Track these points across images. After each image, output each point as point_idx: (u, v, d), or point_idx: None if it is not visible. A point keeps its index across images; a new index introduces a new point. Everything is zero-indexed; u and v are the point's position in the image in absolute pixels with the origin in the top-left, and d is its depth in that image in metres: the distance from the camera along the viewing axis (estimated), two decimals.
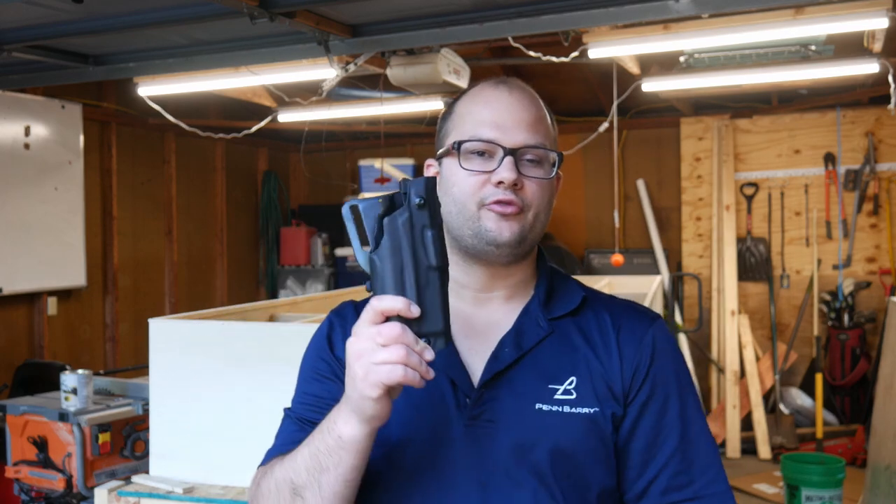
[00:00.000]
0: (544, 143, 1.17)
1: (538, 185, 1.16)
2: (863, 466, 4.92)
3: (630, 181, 6.80)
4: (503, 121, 1.16)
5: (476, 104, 1.19)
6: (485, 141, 1.15)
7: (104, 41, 3.69)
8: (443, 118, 1.25)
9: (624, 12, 3.15)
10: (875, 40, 4.09)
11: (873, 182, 6.08)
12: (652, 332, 1.18)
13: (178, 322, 2.52)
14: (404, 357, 0.94)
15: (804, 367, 6.26)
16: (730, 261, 6.24)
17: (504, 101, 1.17)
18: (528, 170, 1.15)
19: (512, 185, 1.13)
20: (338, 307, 1.29)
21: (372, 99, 5.26)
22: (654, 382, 1.15)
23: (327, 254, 7.34)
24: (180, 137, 6.23)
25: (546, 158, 1.17)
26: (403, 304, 0.96)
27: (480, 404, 1.12)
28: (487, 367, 1.13)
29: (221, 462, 2.40)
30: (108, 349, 5.85)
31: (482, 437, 1.11)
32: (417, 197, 0.98)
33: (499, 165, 1.14)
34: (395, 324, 0.95)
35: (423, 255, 0.98)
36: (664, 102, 6.30)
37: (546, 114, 1.21)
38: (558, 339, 1.16)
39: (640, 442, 1.13)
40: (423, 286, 0.98)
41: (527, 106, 1.18)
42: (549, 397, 1.12)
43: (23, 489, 3.11)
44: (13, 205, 4.95)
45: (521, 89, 1.20)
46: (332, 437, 1.02)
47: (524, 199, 1.14)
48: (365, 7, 3.24)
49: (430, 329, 0.98)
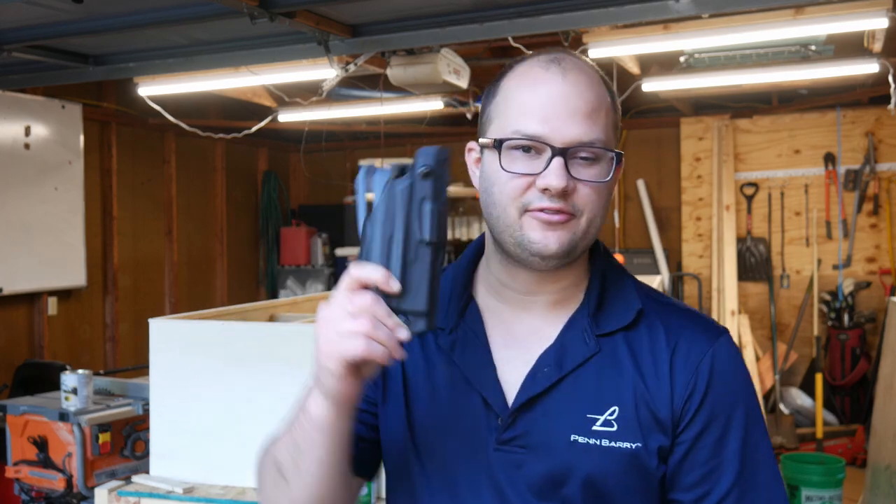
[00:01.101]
0: (602, 137, 0.99)
1: (593, 189, 0.99)
2: (863, 466, 4.92)
3: (630, 181, 6.80)
4: (553, 111, 0.98)
5: (522, 87, 1.01)
6: (530, 137, 0.98)
7: (104, 41, 3.69)
8: (486, 96, 1.07)
9: (624, 12, 3.16)
10: (875, 40, 4.09)
11: (873, 182, 6.08)
12: (711, 353, 1.02)
13: (178, 322, 2.52)
14: (369, 329, 0.86)
15: (804, 367, 6.26)
16: (730, 261, 6.24)
17: (555, 87, 0.99)
18: (581, 171, 0.99)
19: (561, 193, 0.98)
20: None
21: (372, 99, 5.26)
22: (712, 412, 1.01)
23: (327, 254, 7.34)
24: (180, 137, 6.23)
25: (604, 156, 1.00)
26: (382, 275, 0.88)
27: (513, 429, 1.02)
28: (523, 388, 1.02)
29: (221, 462, 2.40)
30: (108, 349, 5.85)
31: (511, 464, 1.01)
32: (423, 165, 0.91)
33: (546, 167, 0.97)
34: (368, 293, 0.87)
35: (417, 227, 0.90)
36: (664, 102, 6.30)
37: (608, 98, 1.02)
38: (604, 360, 1.02)
39: (691, 476, 1.01)
40: (410, 260, 0.89)
41: (582, 92, 0.99)
42: (586, 428, 1.00)
43: (23, 489, 3.11)
44: (13, 205, 4.95)
45: (577, 70, 1.01)
46: (304, 417, 0.96)
47: (575, 204, 0.99)
48: (365, 7, 3.24)
49: (411, 307, 0.90)
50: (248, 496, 2.32)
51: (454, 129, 6.95)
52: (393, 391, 1.10)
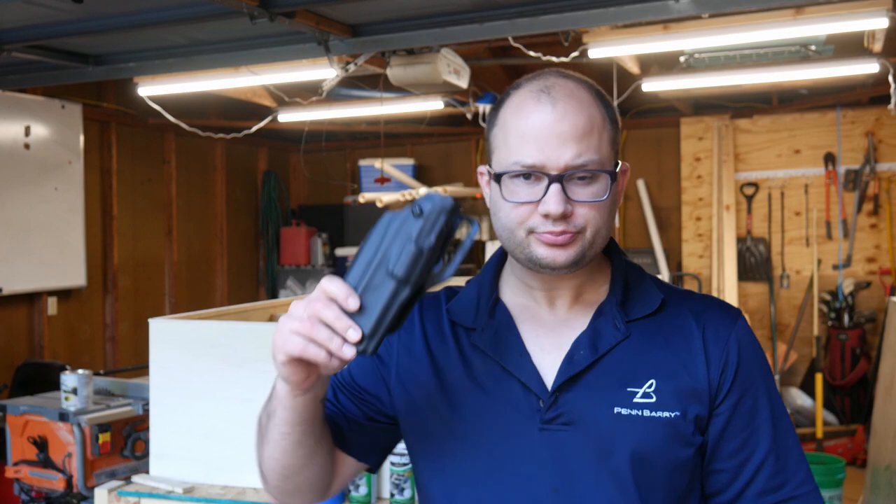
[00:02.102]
0: (595, 158, 1.05)
1: (591, 207, 1.06)
2: (863, 466, 4.92)
3: (630, 181, 6.80)
4: (545, 141, 1.05)
5: (517, 118, 1.08)
6: (527, 167, 1.05)
7: (104, 41, 3.69)
8: (488, 123, 1.15)
9: (624, 12, 3.16)
10: (875, 40, 4.09)
11: (873, 182, 6.08)
12: (737, 331, 1.13)
13: (178, 322, 2.52)
14: (309, 331, 0.93)
15: (804, 367, 6.26)
16: (730, 261, 6.24)
17: (546, 117, 1.06)
18: (579, 191, 1.05)
19: (561, 217, 1.05)
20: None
21: (372, 99, 5.26)
22: (744, 383, 1.10)
23: (327, 254, 7.34)
24: (180, 137, 6.23)
25: (600, 176, 1.07)
26: (343, 292, 0.94)
27: (556, 408, 1.08)
28: (562, 369, 1.09)
29: (221, 462, 2.40)
30: (108, 349, 5.85)
31: (557, 441, 1.07)
32: (419, 206, 0.95)
33: (545, 194, 1.04)
34: (321, 299, 0.95)
35: (392, 259, 0.95)
36: (664, 102, 6.30)
37: (599, 115, 1.09)
38: (635, 342, 1.10)
39: (732, 444, 1.10)
40: (373, 285, 0.95)
41: (572, 117, 1.06)
42: (627, 401, 1.07)
43: (23, 489, 3.11)
44: (13, 205, 4.95)
45: (567, 97, 1.07)
46: (273, 390, 1.06)
47: (577, 224, 1.05)
48: (365, 7, 3.25)
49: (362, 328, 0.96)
50: (248, 496, 2.32)
51: (454, 129, 6.95)
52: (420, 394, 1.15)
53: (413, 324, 1.19)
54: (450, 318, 1.18)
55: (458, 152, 7.35)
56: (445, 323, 1.18)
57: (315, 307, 0.95)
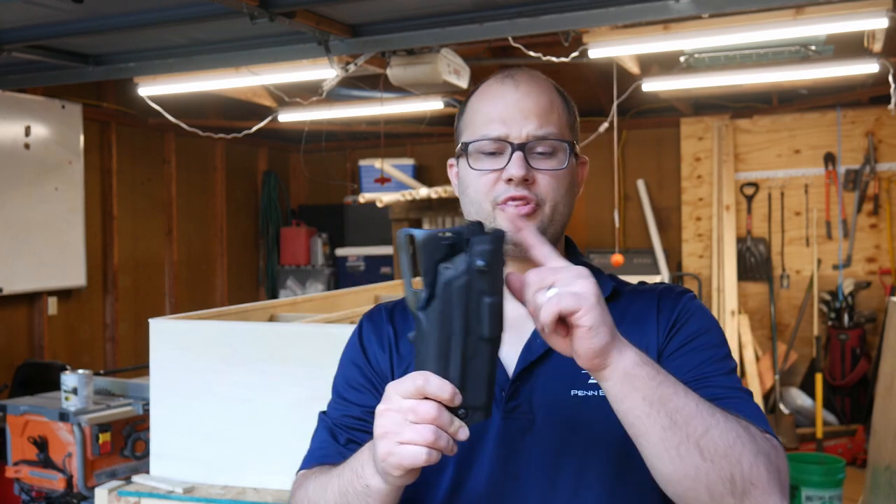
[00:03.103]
0: (555, 132, 1.15)
1: (552, 177, 1.14)
2: (863, 466, 4.92)
3: (630, 181, 6.80)
4: (510, 115, 1.14)
5: (483, 101, 1.18)
6: (492, 139, 1.14)
7: (104, 41, 3.69)
8: (457, 117, 1.24)
9: (624, 12, 3.16)
10: (875, 40, 4.09)
11: (873, 182, 6.08)
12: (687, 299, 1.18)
13: (178, 322, 2.52)
14: (432, 440, 0.88)
15: (804, 367, 6.26)
16: (730, 261, 6.24)
17: (511, 95, 1.15)
18: (540, 162, 1.13)
19: (522, 182, 1.11)
20: (370, 311, 1.28)
21: (372, 99, 5.26)
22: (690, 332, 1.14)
23: (327, 254, 7.34)
24: (180, 137, 6.23)
25: (559, 148, 1.15)
26: (449, 393, 0.89)
27: (516, 397, 1.11)
28: (521, 358, 1.13)
29: (221, 462, 2.41)
30: (108, 349, 5.85)
31: (519, 429, 1.10)
32: (481, 260, 0.89)
33: (508, 162, 1.12)
34: (432, 404, 0.89)
35: (476, 324, 0.90)
36: (664, 102, 6.30)
37: (559, 100, 1.18)
38: None
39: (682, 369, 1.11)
40: (469, 357, 0.90)
41: (535, 97, 1.15)
42: (583, 382, 1.11)
43: (23, 489, 3.11)
44: (13, 205, 4.95)
45: (528, 80, 1.17)
46: (360, 483, 0.99)
47: (538, 193, 1.13)
48: (365, 7, 3.25)
49: (471, 402, 0.91)
50: (248, 496, 2.32)
51: (454, 129, 6.94)
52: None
53: (382, 326, 1.22)
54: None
55: None
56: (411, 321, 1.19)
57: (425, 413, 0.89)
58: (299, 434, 2.27)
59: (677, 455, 0.93)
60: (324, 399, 1.26)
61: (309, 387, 2.25)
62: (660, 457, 0.94)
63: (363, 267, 7.12)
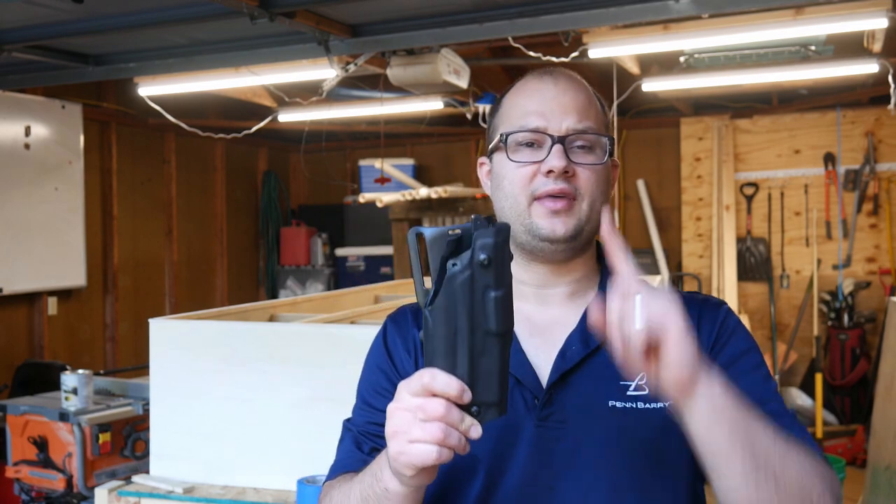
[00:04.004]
0: (593, 126, 1.13)
1: (591, 172, 1.12)
2: (863, 466, 4.91)
3: (630, 181, 6.80)
4: (549, 109, 1.12)
5: (521, 96, 1.16)
6: (531, 130, 1.12)
7: (104, 41, 3.69)
8: (490, 114, 1.22)
9: (624, 12, 3.16)
10: (875, 40, 4.09)
11: (873, 182, 6.08)
12: (726, 313, 1.16)
13: (178, 322, 2.52)
14: (441, 438, 0.86)
15: (804, 367, 6.26)
16: (730, 261, 6.24)
17: (550, 91, 1.14)
18: (579, 157, 1.12)
19: (563, 174, 1.09)
20: (394, 313, 1.24)
21: (372, 99, 5.26)
22: (736, 349, 1.13)
23: (327, 254, 7.34)
24: (180, 137, 6.24)
25: (598, 143, 1.13)
26: (457, 389, 0.87)
27: (550, 405, 1.08)
28: (555, 366, 1.10)
29: (221, 462, 2.40)
30: (108, 349, 5.85)
31: (553, 438, 1.08)
32: (483, 253, 0.87)
33: (548, 154, 1.10)
34: (440, 401, 0.87)
35: (482, 318, 0.88)
36: (664, 102, 6.30)
37: (595, 99, 1.18)
38: None
39: None
40: (477, 353, 0.88)
41: (574, 93, 1.14)
42: (621, 394, 1.08)
43: (23, 489, 3.11)
44: (13, 205, 4.95)
45: (567, 77, 1.16)
46: (379, 487, 0.98)
47: (577, 187, 1.11)
48: (365, 7, 3.25)
49: (482, 399, 0.89)
50: (248, 496, 2.32)
51: (454, 130, 6.95)
52: None
53: (408, 329, 1.19)
54: None
55: (458, 152, 7.35)
56: None
57: (434, 410, 0.87)
58: (299, 434, 2.27)
59: (755, 485, 0.92)
60: (324, 399, 1.25)
61: (309, 387, 2.25)
62: (737, 487, 0.93)
63: (363, 267, 7.13)
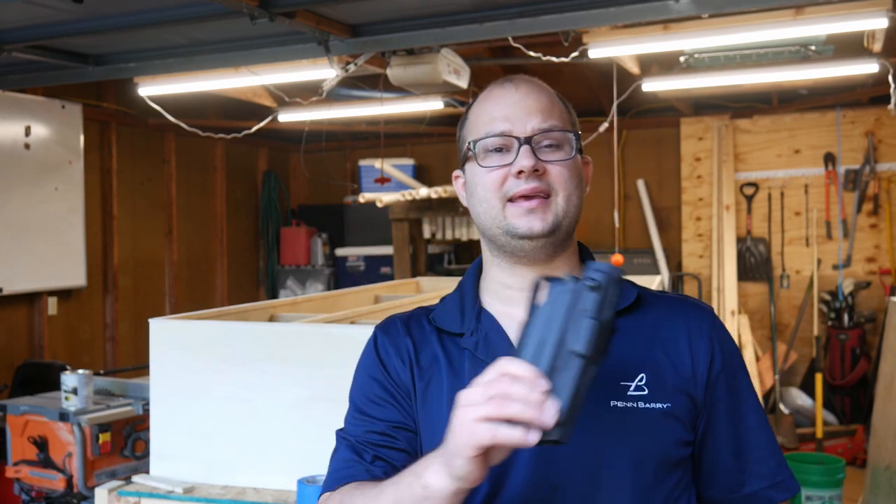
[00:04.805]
0: (558, 124, 1.15)
1: (562, 167, 1.13)
2: (863, 466, 4.92)
3: (630, 181, 6.80)
4: (513, 113, 1.14)
5: (485, 105, 1.18)
6: (498, 135, 1.13)
7: (104, 41, 3.69)
8: (459, 127, 1.24)
9: (624, 12, 3.16)
10: (875, 40, 4.09)
11: (873, 182, 6.08)
12: (714, 324, 1.18)
13: (178, 322, 2.52)
14: (506, 412, 0.83)
15: (804, 367, 6.26)
16: (730, 261, 6.24)
17: (512, 96, 1.16)
18: (548, 155, 1.13)
19: (533, 173, 1.11)
20: (383, 322, 1.24)
21: (372, 99, 5.26)
22: (729, 377, 1.15)
23: (327, 254, 7.34)
24: (180, 137, 6.24)
25: (565, 140, 1.15)
26: (530, 372, 0.85)
27: None
28: None
29: (221, 462, 2.40)
30: (108, 349, 5.85)
31: None
32: (592, 279, 0.90)
33: (516, 156, 1.12)
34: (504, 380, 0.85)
35: (573, 336, 0.88)
36: (664, 102, 6.30)
37: (558, 100, 1.19)
38: (622, 338, 1.10)
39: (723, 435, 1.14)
40: (558, 367, 0.88)
41: (536, 95, 1.16)
42: (622, 394, 1.09)
43: (23, 489, 3.11)
44: (13, 205, 4.95)
45: (527, 82, 1.18)
46: (419, 485, 0.93)
47: (549, 183, 1.12)
48: (365, 7, 3.25)
49: None
50: (248, 496, 2.32)
51: (454, 130, 6.92)
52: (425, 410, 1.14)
53: (400, 338, 1.19)
54: (435, 325, 1.18)
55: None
56: (431, 335, 1.18)
57: (500, 387, 0.85)
58: (299, 434, 2.27)
59: None
60: (324, 399, 1.24)
61: (309, 387, 2.25)
62: None
63: (363, 267, 7.13)
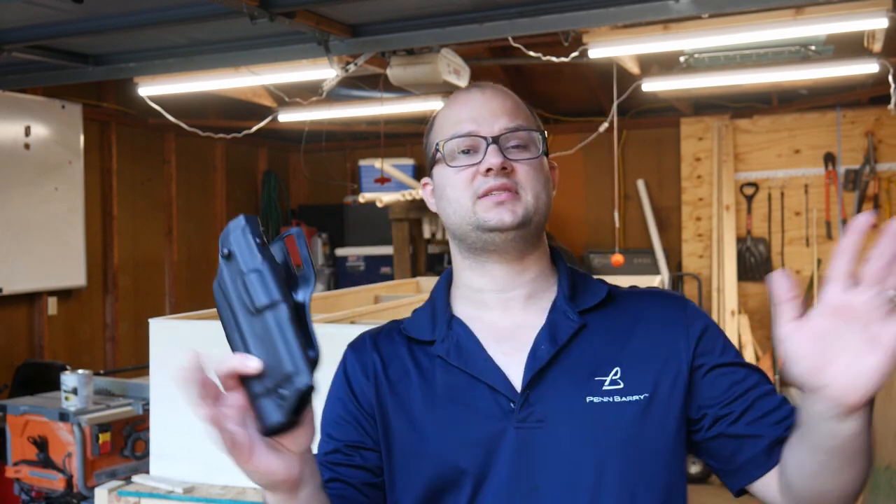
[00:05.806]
0: (524, 124, 1.16)
1: (529, 167, 1.14)
2: None
3: (630, 181, 6.80)
4: (480, 115, 1.16)
5: (451, 109, 1.20)
6: (465, 135, 1.15)
7: (104, 41, 3.69)
8: (426, 134, 1.25)
9: (624, 12, 3.16)
10: (875, 40, 4.09)
11: (873, 182, 6.08)
12: (686, 306, 1.19)
13: (178, 322, 2.52)
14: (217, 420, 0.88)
15: None
16: (730, 261, 6.24)
17: (478, 99, 1.18)
18: (515, 154, 1.14)
19: (501, 170, 1.12)
20: (354, 340, 1.24)
21: (372, 99, 5.26)
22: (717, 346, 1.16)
23: (327, 254, 7.34)
24: (180, 137, 6.23)
25: (531, 140, 1.16)
26: (237, 360, 0.87)
27: (528, 406, 1.09)
28: (528, 366, 1.10)
29: (221, 462, 2.39)
30: (108, 349, 5.85)
31: (533, 438, 1.08)
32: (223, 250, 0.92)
33: (484, 155, 1.13)
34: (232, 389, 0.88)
35: (249, 302, 0.89)
36: (664, 102, 6.30)
37: (522, 104, 1.21)
38: (593, 332, 1.14)
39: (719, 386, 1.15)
40: (256, 335, 0.88)
41: (501, 98, 1.18)
42: (597, 389, 1.09)
43: (23, 489, 3.11)
44: (13, 205, 4.95)
45: (491, 87, 1.20)
46: None
47: (517, 181, 1.13)
48: (365, 7, 3.25)
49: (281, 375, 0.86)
50: (248, 496, 2.32)
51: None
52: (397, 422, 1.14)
53: (366, 354, 1.19)
54: (406, 334, 1.19)
55: None
56: (401, 347, 1.18)
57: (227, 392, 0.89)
58: None
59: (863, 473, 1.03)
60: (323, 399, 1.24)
61: None
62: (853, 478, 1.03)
63: (363, 267, 7.13)
